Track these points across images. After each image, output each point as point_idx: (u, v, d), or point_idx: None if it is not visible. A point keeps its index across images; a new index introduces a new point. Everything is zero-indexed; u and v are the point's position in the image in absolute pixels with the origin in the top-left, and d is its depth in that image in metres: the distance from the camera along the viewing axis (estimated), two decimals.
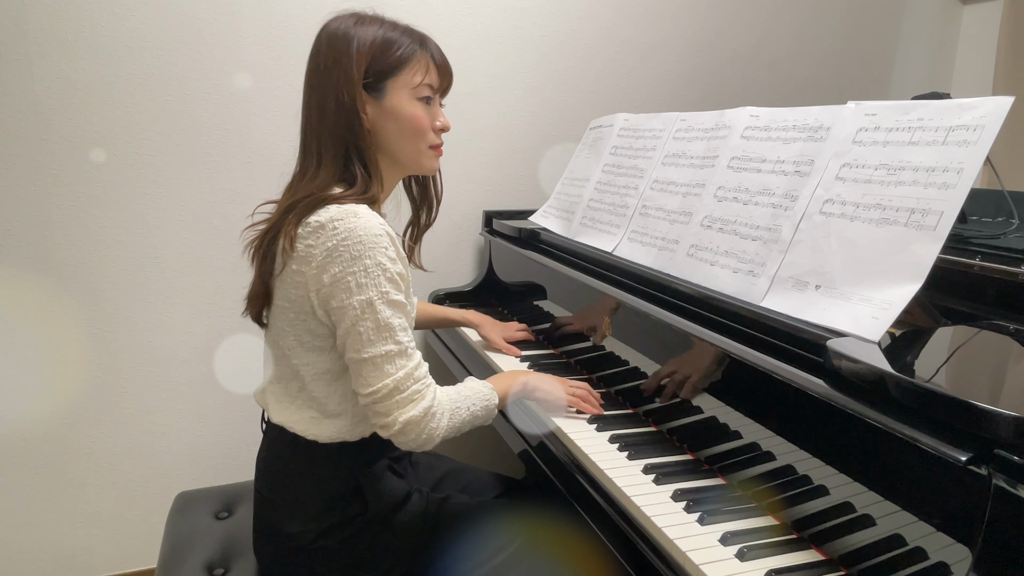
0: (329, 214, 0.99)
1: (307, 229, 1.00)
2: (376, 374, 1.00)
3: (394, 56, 1.07)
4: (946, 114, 0.96)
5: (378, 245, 0.98)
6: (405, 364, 1.01)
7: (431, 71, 1.10)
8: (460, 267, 2.12)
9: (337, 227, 0.98)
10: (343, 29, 1.06)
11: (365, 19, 1.08)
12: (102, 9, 1.63)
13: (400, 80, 1.08)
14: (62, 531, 1.83)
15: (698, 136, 1.39)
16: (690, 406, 1.14)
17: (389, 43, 1.07)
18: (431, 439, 1.04)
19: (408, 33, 1.10)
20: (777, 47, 2.38)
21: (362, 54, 1.05)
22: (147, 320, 1.80)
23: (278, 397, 1.11)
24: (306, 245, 1.00)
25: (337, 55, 1.05)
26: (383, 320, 0.99)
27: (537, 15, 2.03)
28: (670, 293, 1.24)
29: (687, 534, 0.91)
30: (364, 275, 0.98)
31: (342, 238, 0.97)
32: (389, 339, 1.00)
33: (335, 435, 1.08)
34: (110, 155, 1.70)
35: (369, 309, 0.98)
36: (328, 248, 0.98)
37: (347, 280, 0.98)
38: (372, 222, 0.99)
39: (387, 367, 1.00)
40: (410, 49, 1.08)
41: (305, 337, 1.06)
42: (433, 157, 1.15)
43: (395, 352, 1.01)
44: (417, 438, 1.03)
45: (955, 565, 0.70)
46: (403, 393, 1.01)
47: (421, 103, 1.10)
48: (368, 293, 0.98)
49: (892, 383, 0.78)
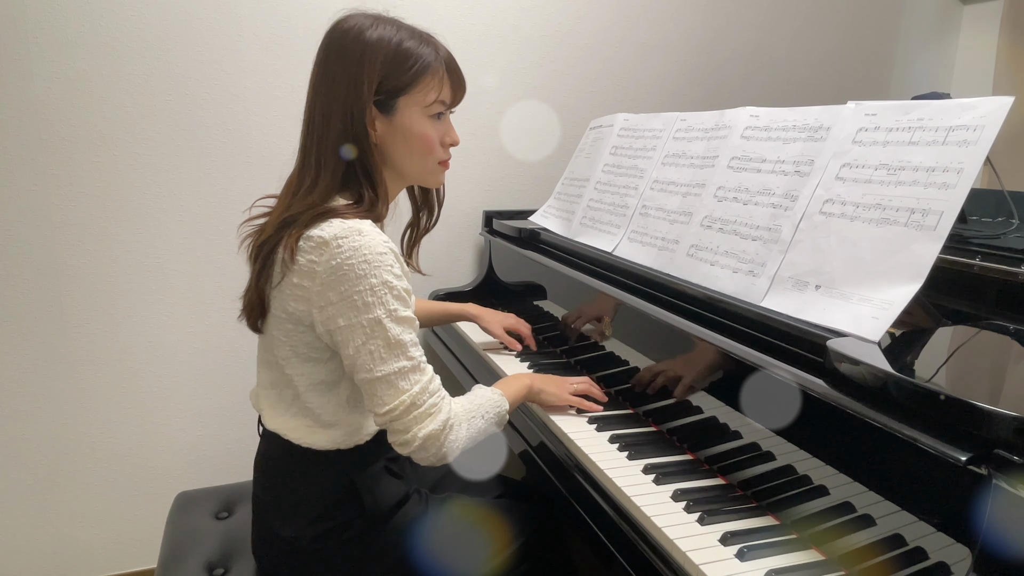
0: (333, 231, 0.96)
1: (309, 243, 0.97)
2: (391, 392, 0.98)
3: (409, 72, 1.02)
4: (946, 114, 0.96)
5: (383, 264, 0.96)
6: (419, 379, 1.00)
7: (445, 87, 1.07)
8: (460, 267, 2.12)
9: (341, 245, 0.95)
10: (355, 35, 1.01)
11: (380, 22, 1.03)
12: (102, 9, 1.63)
13: (413, 97, 1.04)
14: (62, 531, 1.83)
15: (698, 136, 1.39)
16: (690, 406, 1.14)
17: (403, 58, 1.02)
18: (451, 451, 1.02)
19: (425, 42, 1.05)
20: (777, 47, 2.38)
21: (374, 69, 1.01)
22: (147, 320, 1.81)
23: (272, 403, 1.10)
24: (308, 260, 0.97)
25: (347, 65, 1.01)
26: (393, 338, 0.97)
27: (537, 15, 2.03)
28: (670, 293, 1.24)
29: (687, 534, 0.91)
30: (371, 294, 0.95)
31: (346, 257, 0.95)
32: (401, 356, 0.98)
33: (329, 444, 1.07)
34: (110, 155, 1.70)
35: (378, 328, 0.96)
36: (332, 267, 0.95)
37: (353, 299, 0.95)
38: (376, 240, 0.97)
39: (401, 383, 0.98)
40: (425, 63, 1.03)
41: (301, 348, 1.04)
42: (439, 172, 1.13)
43: (408, 368, 0.99)
44: (438, 452, 1.01)
45: (955, 565, 0.70)
46: (420, 408, 0.99)
47: (432, 119, 1.07)
48: (376, 312, 0.96)
49: (892, 383, 0.78)
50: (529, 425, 1.30)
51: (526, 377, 1.25)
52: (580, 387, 1.29)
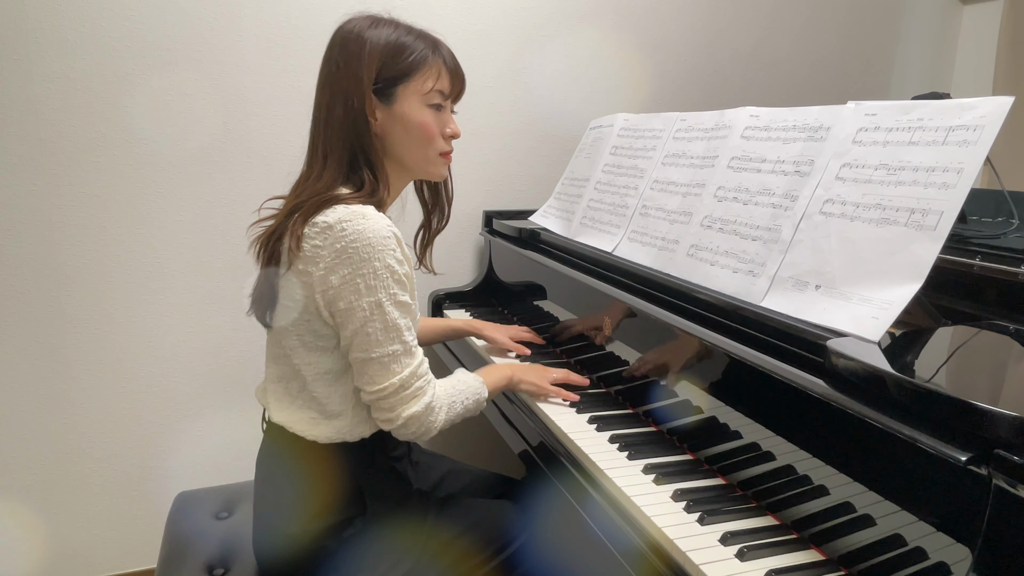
0: (337, 215, 0.99)
1: (314, 229, 1.00)
2: (383, 373, 1.02)
3: (406, 62, 1.07)
4: (946, 114, 0.96)
5: (387, 247, 0.99)
6: (410, 363, 1.04)
7: (443, 77, 1.11)
8: (460, 267, 2.12)
9: (345, 228, 0.98)
10: (356, 31, 1.07)
11: (380, 22, 1.09)
12: (102, 9, 1.63)
13: (411, 86, 1.08)
14: (62, 531, 1.83)
15: (698, 136, 1.39)
16: (690, 406, 1.14)
17: (401, 48, 1.07)
18: (429, 431, 1.08)
19: (422, 38, 1.10)
20: (777, 47, 2.38)
21: (373, 58, 1.05)
22: (147, 320, 1.81)
23: (278, 396, 1.11)
24: (313, 246, 1.00)
25: (348, 58, 1.06)
26: (391, 321, 1.01)
27: (537, 15, 2.03)
28: (670, 293, 1.24)
29: (687, 534, 0.91)
30: (373, 277, 0.99)
31: (350, 240, 0.98)
32: (396, 339, 1.02)
33: (335, 435, 1.08)
34: (110, 155, 1.70)
35: (378, 310, 1.00)
36: (337, 250, 0.98)
37: (356, 282, 0.99)
38: (380, 224, 1.00)
39: (393, 366, 1.03)
40: (422, 55, 1.08)
41: (308, 337, 1.06)
42: (442, 164, 1.16)
43: (401, 352, 1.03)
44: (417, 431, 1.07)
45: (955, 565, 0.70)
46: (407, 390, 1.04)
47: (431, 110, 1.10)
48: (377, 295, 0.99)
49: (892, 383, 0.78)
50: (529, 425, 1.30)
51: (508, 368, 1.30)
52: (558, 375, 1.33)
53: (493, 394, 1.23)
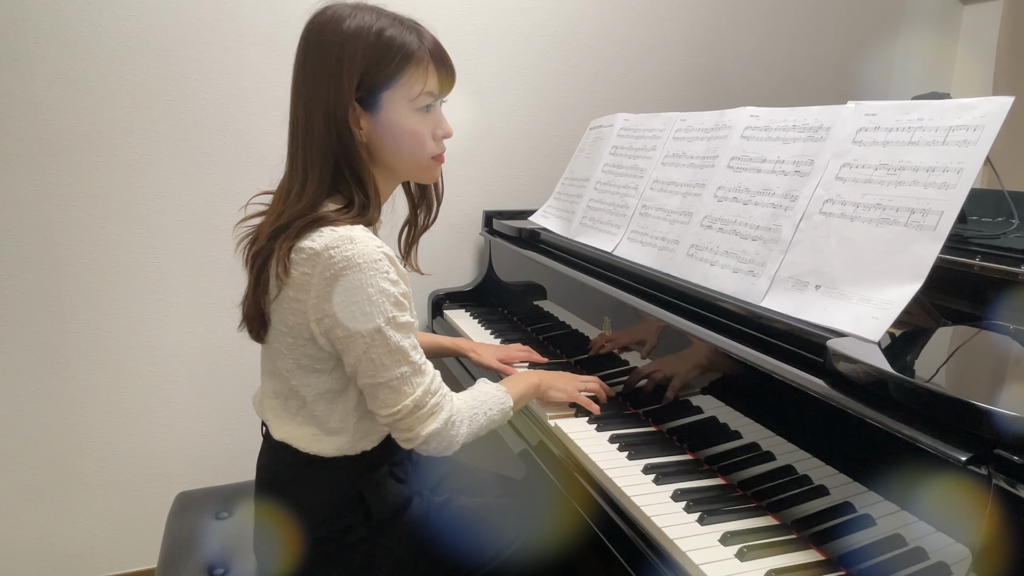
0: (324, 241, 0.93)
1: (301, 256, 0.95)
2: (395, 396, 0.98)
3: (390, 65, 0.98)
4: (946, 114, 0.95)
5: (379, 271, 0.94)
6: (421, 381, 1.00)
7: (431, 77, 1.02)
8: (460, 267, 2.12)
9: (333, 256, 0.92)
10: (332, 27, 0.97)
11: (359, 10, 0.98)
12: (102, 9, 1.63)
13: (398, 92, 1.00)
14: (62, 531, 1.83)
15: (698, 136, 1.39)
16: (690, 406, 1.14)
17: (385, 48, 0.97)
18: (452, 446, 1.04)
19: (407, 30, 1.00)
20: (777, 47, 2.38)
21: (354, 64, 0.96)
22: (147, 320, 1.80)
23: (277, 413, 1.09)
24: (301, 272, 0.95)
25: (326, 63, 0.96)
26: (394, 344, 0.96)
27: (537, 15, 2.03)
28: (670, 293, 1.24)
29: (687, 534, 0.91)
30: (368, 304, 0.94)
31: (340, 268, 0.92)
32: (403, 361, 0.98)
33: (336, 451, 1.06)
34: (110, 155, 1.70)
35: (378, 336, 0.95)
36: (327, 278, 0.93)
37: (351, 310, 0.94)
38: (369, 246, 0.94)
39: (404, 388, 0.98)
40: (407, 54, 0.98)
41: (304, 361, 1.03)
42: (434, 167, 1.09)
43: (410, 373, 0.99)
44: (439, 446, 1.03)
45: (955, 565, 0.70)
46: (423, 409, 1.00)
47: (420, 113, 1.03)
48: (376, 321, 0.94)
49: (892, 383, 0.78)
50: (529, 425, 1.30)
51: (534, 375, 1.25)
52: (591, 386, 1.29)
53: (521, 403, 1.18)
